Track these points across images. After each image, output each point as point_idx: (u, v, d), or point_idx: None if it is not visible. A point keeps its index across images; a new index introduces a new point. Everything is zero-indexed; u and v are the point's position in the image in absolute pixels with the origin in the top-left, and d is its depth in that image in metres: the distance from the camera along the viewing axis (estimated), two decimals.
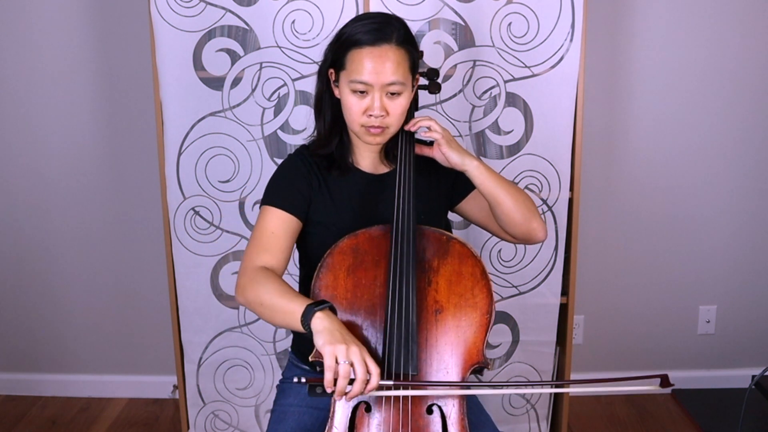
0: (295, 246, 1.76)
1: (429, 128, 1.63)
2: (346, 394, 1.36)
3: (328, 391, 1.36)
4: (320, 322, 1.40)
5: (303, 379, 1.38)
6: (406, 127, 1.65)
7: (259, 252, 1.60)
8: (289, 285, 1.52)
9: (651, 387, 1.49)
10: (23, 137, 2.81)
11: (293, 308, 1.44)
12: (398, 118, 1.60)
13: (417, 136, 1.69)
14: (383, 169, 1.73)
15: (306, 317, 1.41)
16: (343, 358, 1.34)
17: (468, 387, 1.52)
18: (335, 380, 1.35)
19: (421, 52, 1.73)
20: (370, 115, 1.57)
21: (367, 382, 1.36)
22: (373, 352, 1.50)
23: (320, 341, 1.36)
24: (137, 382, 3.01)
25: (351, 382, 1.36)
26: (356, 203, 1.69)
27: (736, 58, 2.75)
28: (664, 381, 1.47)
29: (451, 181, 1.74)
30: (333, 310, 1.44)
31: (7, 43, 2.72)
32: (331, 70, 1.64)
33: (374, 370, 1.36)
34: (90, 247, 2.91)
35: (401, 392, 1.48)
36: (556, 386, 1.47)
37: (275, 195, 1.66)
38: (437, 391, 1.51)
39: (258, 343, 2.50)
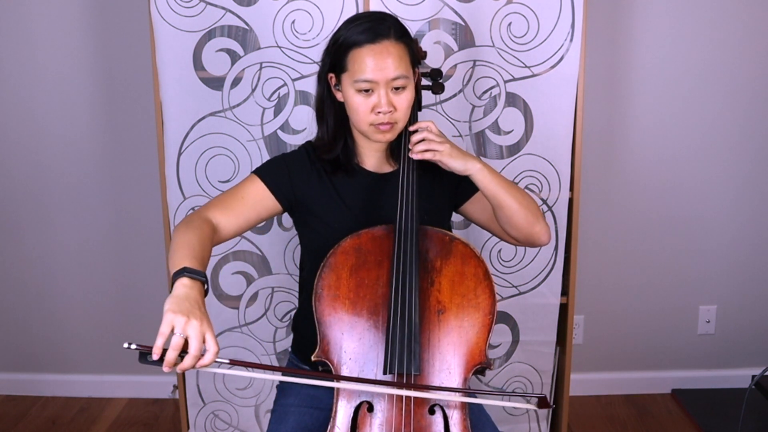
0: (297, 245, 1.76)
1: (426, 151, 1.60)
2: (176, 365, 1.28)
3: (154, 358, 1.26)
4: (180, 287, 1.34)
5: (133, 345, 1.26)
6: (412, 156, 1.62)
7: (217, 205, 1.63)
8: (203, 247, 1.49)
9: (529, 405, 1.53)
10: (23, 137, 2.80)
11: (177, 262, 1.40)
12: (405, 112, 1.60)
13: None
14: (388, 169, 1.73)
15: (175, 276, 1.36)
16: (179, 330, 1.26)
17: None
18: (165, 350, 1.27)
19: (425, 53, 1.73)
20: (379, 113, 1.57)
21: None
22: (375, 355, 1.50)
23: (166, 305, 1.30)
24: (137, 382, 3.01)
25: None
26: (361, 203, 1.69)
27: (736, 57, 2.75)
28: (542, 402, 1.49)
29: (455, 182, 1.74)
30: (206, 288, 1.39)
31: (7, 43, 2.71)
32: (331, 75, 1.64)
33: (212, 347, 1.29)
34: (90, 247, 2.90)
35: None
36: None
37: (267, 170, 1.70)
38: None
39: (258, 343, 2.50)
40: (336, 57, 1.60)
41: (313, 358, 1.53)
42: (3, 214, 2.89)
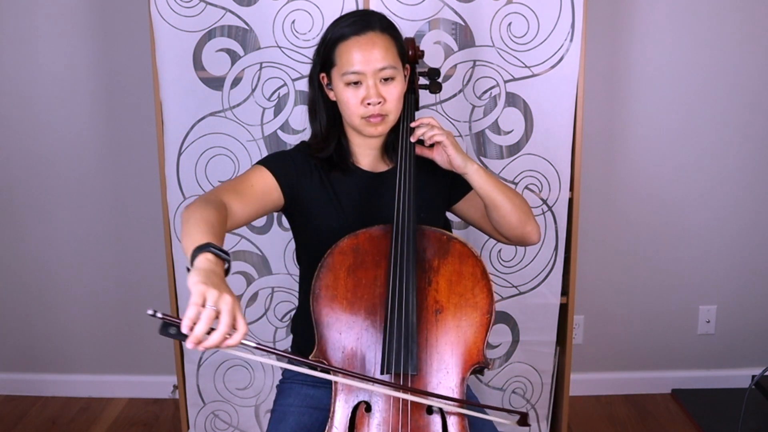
0: (294, 245, 1.76)
1: (433, 135, 1.62)
2: (200, 343, 1.19)
3: (184, 331, 1.17)
4: (205, 262, 1.26)
5: (159, 314, 1.17)
6: (413, 138, 1.63)
7: (228, 190, 1.55)
8: (222, 227, 1.41)
9: (508, 422, 1.59)
10: (23, 137, 2.81)
11: (198, 237, 1.31)
12: (395, 104, 1.61)
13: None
14: (383, 167, 1.73)
15: (198, 250, 1.27)
16: (211, 303, 1.18)
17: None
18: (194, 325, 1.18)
19: (422, 52, 1.73)
20: (369, 104, 1.58)
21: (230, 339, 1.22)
22: (372, 355, 1.50)
23: (194, 278, 1.21)
24: (137, 382, 3.01)
25: (211, 333, 1.20)
26: (357, 202, 1.69)
27: (736, 58, 2.74)
28: (522, 419, 1.56)
29: (450, 181, 1.74)
30: (227, 269, 1.31)
31: (7, 43, 2.72)
32: (323, 75, 1.65)
33: (242, 327, 1.22)
34: (90, 247, 2.91)
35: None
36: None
37: (272, 161, 1.67)
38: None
39: None
40: (325, 54, 1.62)
41: (311, 358, 1.53)
42: (3, 214, 2.89)
